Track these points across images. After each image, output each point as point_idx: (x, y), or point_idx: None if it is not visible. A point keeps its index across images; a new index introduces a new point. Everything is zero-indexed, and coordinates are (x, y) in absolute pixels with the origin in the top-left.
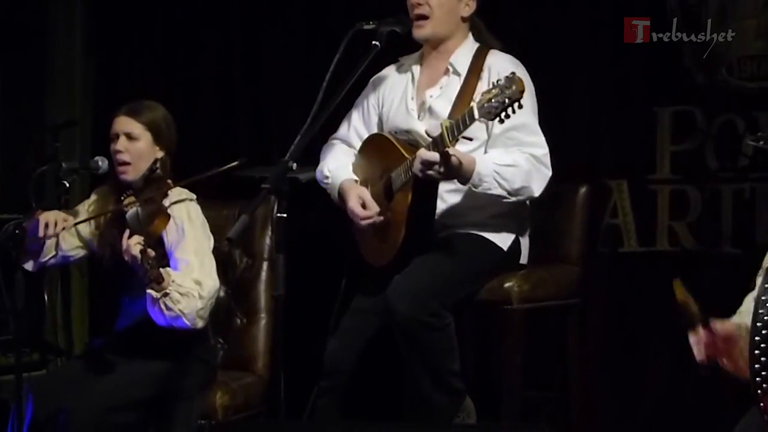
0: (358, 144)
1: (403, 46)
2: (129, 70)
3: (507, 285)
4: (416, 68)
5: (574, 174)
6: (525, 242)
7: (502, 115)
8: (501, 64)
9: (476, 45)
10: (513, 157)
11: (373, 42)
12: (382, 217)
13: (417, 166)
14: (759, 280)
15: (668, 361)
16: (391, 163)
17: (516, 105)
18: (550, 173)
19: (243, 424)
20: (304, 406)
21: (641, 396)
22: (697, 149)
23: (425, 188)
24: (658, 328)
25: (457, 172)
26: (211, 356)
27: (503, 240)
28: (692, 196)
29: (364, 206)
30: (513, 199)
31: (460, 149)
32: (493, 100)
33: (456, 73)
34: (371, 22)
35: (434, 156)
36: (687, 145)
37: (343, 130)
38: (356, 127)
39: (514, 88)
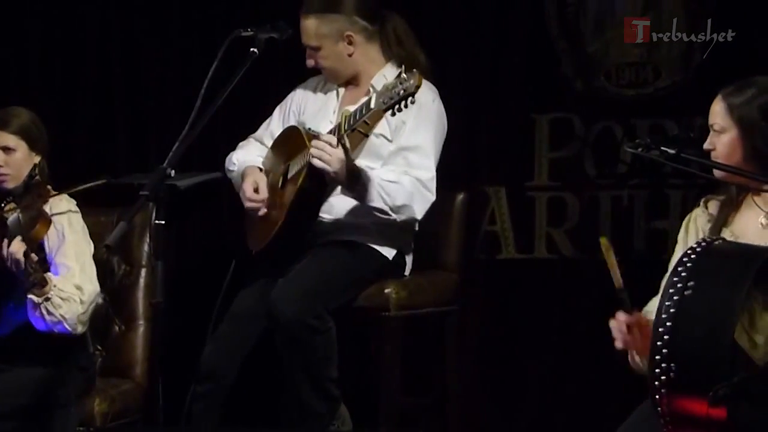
0: (270, 144)
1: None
2: (6, 76)
3: (385, 291)
4: (341, 89)
5: (452, 181)
6: (410, 257)
7: (395, 107)
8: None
9: (398, 70)
10: (398, 176)
11: (251, 49)
12: (265, 209)
13: (312, 149)
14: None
15: (546, 368)
16: (294, 152)
17: (410, 99)
18: (433, 198)
19: (121, 430)
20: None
21: (520, 402)
22: (575, 156)
23: (316, 177)
24: (536, 335)
25: (345, 171)
26: (90, 363)
27: (388, 249)
28: (570, 203)
29: (256, 191)
30: (394, 216)
31: (362, 163)
32: (389, 92)
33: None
34: (249, 29)
35: (331, 138)
36: (565, 152)
37: (260, 130)
38: (272, 130)
39: (411, 81)
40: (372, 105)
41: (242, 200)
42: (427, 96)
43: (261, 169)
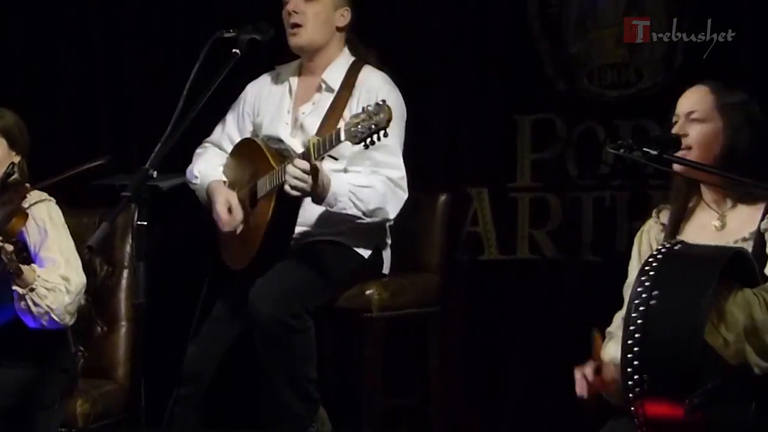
0: (229, 149)
1: (277, 54)
2: None
3: (367, 293)
4: (294, 80)
5: (434, 182)
6: (387, 253)
7: (368, 140)
8: (372, 82)
9: (351, 59)
10: (368, 178)
11: (234, 50)
12: (242, 226)
13: (289, 174)
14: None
15: (528, 369)
16: (259, 170)
17: (382, 133)
18: (405, 196)
19: (103, 431)
20: (165, 414)
21: (501, 403)
22: (557, 157)
23: (288, 200)
24: (518, 336)
25: (320, 189)
26: (72, 364)
27: (365, 248)
28: (552, 204)
29: (230, 211)
30: (368, 220)
31: (326, 166)
32: (360, 126)
33: (329, 89)
34: (231, 30)
35: (307, 165)
36: (547, 153)
37: (216, 133)
38: (229, 133)
39: (381, 116)
40: (342, 138)
41: (217, 221)
42: (383, 90)
43: (224, 182)
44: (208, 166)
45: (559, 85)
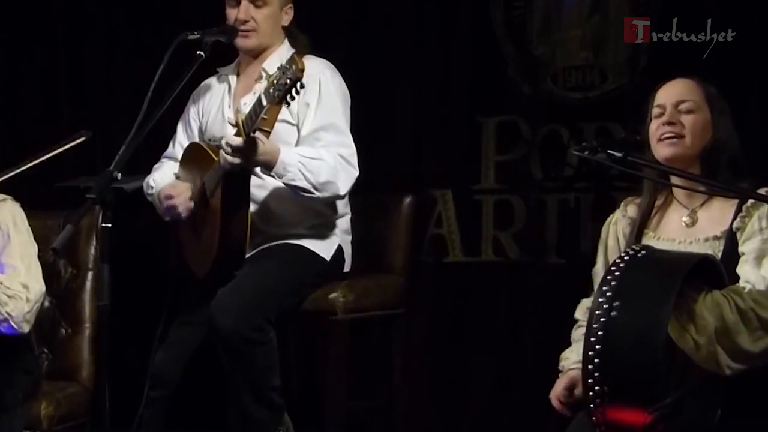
0: None
1: (226, 54)
2: None
3: (332, 295)
4: (233, 78)
5: (399, 183)
6: (348, 251)
7: (287, 97)
8: (313, 68)
9: (291, 50)
10: (319, 151)
11: (198, 52)
12: (191, 204)
13: (225, 150)
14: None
15: (493, 371)
16: (204, 168)
17: (298, 85)
18: (357, 173)
19: None
20: (130, 416)
21: (466, 406)
22: (521, 159)
23: (234, 183)
24: (482, 339)
25: (262, 157)
26: (36, 366)
27: (326, 250)
28: (517, 206)
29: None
30: (318, 194)
31: None
32: (276, 83)
33: (269, 77)
34: (196, 32)
35: (239, 141)
36: (512, 155)
37: (170, 148)
38: (181, 142)
39: (293, 68)
40: (264, 102)
41: (167, 206)
42: (325, 74)
43: None
44: (163, 176)
45: (523, 87)
